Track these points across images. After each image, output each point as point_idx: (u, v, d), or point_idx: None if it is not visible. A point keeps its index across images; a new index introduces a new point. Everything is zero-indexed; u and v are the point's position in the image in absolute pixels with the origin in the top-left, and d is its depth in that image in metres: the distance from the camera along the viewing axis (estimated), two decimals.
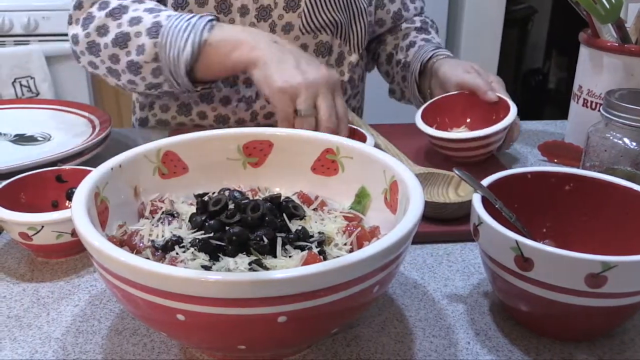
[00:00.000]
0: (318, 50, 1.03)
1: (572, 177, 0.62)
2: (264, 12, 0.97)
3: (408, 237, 0.46)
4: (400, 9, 1.13)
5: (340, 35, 1.04)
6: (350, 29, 1.05)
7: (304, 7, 0.98)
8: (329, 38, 1.03)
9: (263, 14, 0.97)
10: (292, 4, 0.97)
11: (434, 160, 0.89)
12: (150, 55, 0.88)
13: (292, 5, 0.98)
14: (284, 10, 0.98)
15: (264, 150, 0.65)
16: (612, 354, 0.53)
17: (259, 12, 0.97)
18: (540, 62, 3.15)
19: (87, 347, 0.54)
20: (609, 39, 0.86)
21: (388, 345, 0.54)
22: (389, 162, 0.58)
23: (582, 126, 0.87)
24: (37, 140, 0.94)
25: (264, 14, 0.97)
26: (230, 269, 0.48)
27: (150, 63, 0.89)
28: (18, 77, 2.16)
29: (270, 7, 0.97)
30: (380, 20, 1.14)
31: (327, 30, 1.02)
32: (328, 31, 1.02)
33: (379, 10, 1.12)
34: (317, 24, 1.00)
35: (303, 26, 0.99)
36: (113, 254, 0.43)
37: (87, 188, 0.52)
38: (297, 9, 0.98)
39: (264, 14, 0.97)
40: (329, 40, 1.03)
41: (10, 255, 0.67)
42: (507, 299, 0.56)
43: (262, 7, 0.97)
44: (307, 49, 1.02)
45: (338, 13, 1.01)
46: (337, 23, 1.02)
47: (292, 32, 1.00)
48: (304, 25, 0.99)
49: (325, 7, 0.99)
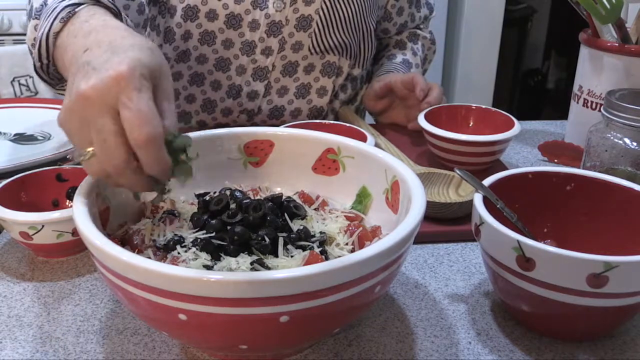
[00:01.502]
0: (324, 70, 1.02)
1: (573, 177, 0.62)
2: (274, 28, 0.96)
3: (410, 237, 0.46)
4: (407, 21, 1.14)
5: (349, 56, 1.03)
6: (359, 49, 1.05)
7: (314, 28, 0.97)
8: (336, 59, 1.02)
9: (274, 30, 0.96)
10: (304, 23, 0.96)
11: (433, 162, 0.89)
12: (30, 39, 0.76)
13: (304, 24, 0.96)
14: (295, 29, 0.96)
15: (265, 150, 0.65)
16: (614, 354, 0.53)
17: (269, 28, 0.96)
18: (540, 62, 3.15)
19: (87, 347, 0.53)
20: (609, 39, 0.86)
21: (389, 345, 0.54)
22: (391, 161, 0.58)
23: (582, 126, 0.87)
24: (37, 139, 0.93)
25: (275, 30, 0.96)
26: (232, 268, 0.48)
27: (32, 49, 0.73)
28: (17, 76, 2.15)
29: (281, 23, 0.95)
30: (385, 30, 1.14)
31: (336, 51, 1.01)
32: (336, 52, 1.01)
33: (384, 22, 1.12)
34: (326, 44, 0.99)
35: (313, 47, 0.98)
36: (115, 253, 0.43)
37: (87, 187, 0.52)
38: (308, 28, 0.97)
39: (275, 29, 0.96)
40: (336, 60, 1.02)
41: (10, 254, 0.67)
42: (508, 298, 0.56)
43: (274, 22, 0.95)
44: (314, 70, 1.01)
45: (348, 35, 1.00)
46: (346, 45, 1.01)
47: (301, 51, 0.98)
48: (313, 45, 0.98)
49: (336, 28, 0.98)
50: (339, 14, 0.97)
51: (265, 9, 0.94)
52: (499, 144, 0.83)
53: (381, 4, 1.08)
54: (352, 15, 0.99)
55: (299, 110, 1.04)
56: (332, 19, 0.97)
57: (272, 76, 1.00)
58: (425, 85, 0.97)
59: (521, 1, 2.85)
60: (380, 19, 1.10)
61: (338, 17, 0.97)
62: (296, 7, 0.95)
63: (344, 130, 0.85)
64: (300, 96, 1.03)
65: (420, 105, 0.95)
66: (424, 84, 0.97)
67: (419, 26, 1.18)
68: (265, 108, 1.02)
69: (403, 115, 1.04)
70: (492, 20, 2.44)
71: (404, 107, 1.03)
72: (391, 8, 1.10)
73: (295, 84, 1.02)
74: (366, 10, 1.01)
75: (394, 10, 1.11)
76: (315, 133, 0.65)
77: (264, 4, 0.94)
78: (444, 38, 2.51)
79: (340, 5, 0.97)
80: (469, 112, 0.94)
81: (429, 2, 1.18)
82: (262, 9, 0.94)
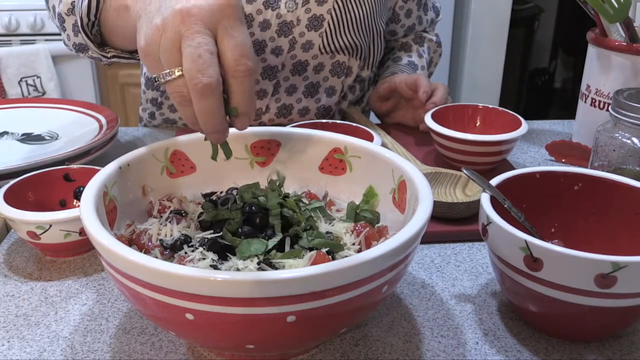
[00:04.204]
0: (334, 70, 1.02)
1: (580, 176, 0.61)
2: (285, 28, 0.96)
3: (417, 237, 0.46)
4: (414, 24, 1.14)
5: (359, 57, 1.03)
6: (369, 50, 1.05)
7: (326, 28, 0.97)
8: (345, 59, 1.02)
9: (284, 30, 0.96)
10: (315, 22, 0.96)
11: (440, 162, 0.89)
12: (66, 4, 0.78)
13: (315, 24, 0.96)
14: (306, 29, 0.96)
15: (272, 150, 0.65)
16: (622, 354, 0.53)
17: (280, 28, 0.95)
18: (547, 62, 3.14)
19: (95, 346, 0.54)
20: (617, 38, 0.86)
21: (396, 345, 0.54)
22: (398, 161, 0.58)
23: (590, 126, 0.87)
24: (45, 139, 0.94)
25: (285, 30, 0.96)
26: (239, 268, 0.48)
27: (69, 16, 0.79)
28: (24, 77, 2.16)
29: (292, 23, 0.95)
30: (392, 32, 1.14)
31: (346, 51, 1.01)
32: (346, 52, 1.01)
33: (392, 24, 1.12)
34: (337, 45, 0.99)
35: (323, 46, 0.98)
36: (122, 253, 0.43)
37: (95, 187, 0.52)
38: (320, 28, 0.96)
39: (286, 29, 0.96)
40: (346, 60, 1.02)
41: (18, 254, 0.67)
42: (515, 299, 0.56)
43: (285, 22, 0.95)
44: (324, 69, 1.01)
45: (358, 36, 1.00)
46: (357, 45, 1.01)
47: (312, 50, 0.98)
48: (324, 45, 0.98)
49: (347, 29, 0.98)
50: (351, 14, 0.97)
51: (277, 9, 0.94)
52: (506, 144, 0.83)
53: (390, 6, 1.08)
54: (363, 15, 0.99)
55: (307, 109, 1.04)
56: (344, 19, 0.97)
57: (281, 75, 1.00)
58: (429, 87, 0.97)
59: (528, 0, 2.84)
60: (388, 21, 1.10)
61: (350, 17, 0.97)
62: (308, 7, 0.95)
63: (350, 130, 0.85)
64: (309, 95, 1.03)
65: (425, 105, 0.95)
66: (427, 86, 0.97)
67: (425, 29, 1.18)
68: (273, 107, 1.02)
69: (410, 116, 1.04)
70: (498, 19, 2.43)
71: (410, 108, 1.03)
72: (399, 10, 1.10)
73: (305, 82, 1.02)
74: (377, 11, 1.01)
75: (402, 12, 1.11)
76: (322, 133, 0.65)
77: (275, 4, 0.94)
78: (450, 38, 2.51)
79: (352, 6, 0.97)
80: (475, 112, 0.93)
81: (435, 6, 1.18)
82: (273, 9, 0.94)
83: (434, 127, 0.85)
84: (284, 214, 0.54)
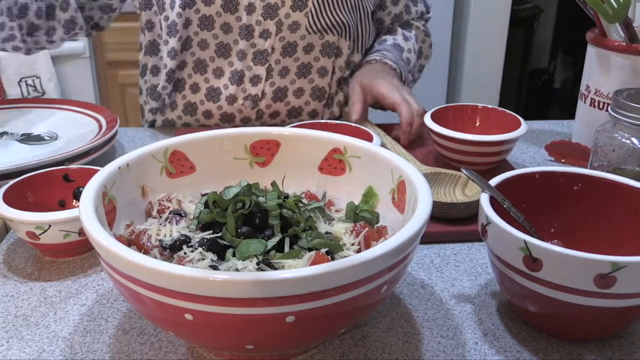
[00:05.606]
0: (324, 50, 1.03)
1: (580, 177, 0.61)
2: (270, 10, 0.98)
3: (416, 237, 0.46)
4: (402, 12, 1.14)
5: (348, 37, 1.04)
6: (357, 30, 1.06)
7: (311, 7, 0.98)
8: (335, 39, 1.03)
9: (270, 12, 0.98)
10: (300, 3, 0.98)
11: (440, 162, 0.89)
12: None
13: (300, 4, 0.98)
14: (291, 10, 0.98)
15: (271, 150, 0.65)
16: (621, 354, 0.53)
17: (265, 10, 0.98)
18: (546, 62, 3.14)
19: (94, 347, 0.54)
20: (616, 38, 0.86)
21: (396, 345, 0.54)
22: (397, 161, 0.58)
23: (589, 126, 0.87)
24: (44, 139, 0.94)
25: (271, 12, 0.98)
26: (238, 268, 0.48)
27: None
28: (24, 77, 2.16)
29: (277, 5, 0.97)
30: (379, 20, 1.14)
31: (334, 30, 1.02)
32: (335, 32, 1.02)
33: (379, 11, 1.13)
34: (323, 24, 1.00)
35: (310, 26, 1.00)
36: (121, 253, 0.43)
37: (94, 187, 0.52)
38: (304, 8, 0.98)
39: (271, 12, 0.98)
40: (335, 41, 1.03)
41: (17, 254, 0.67)
42: (515, 299, 0.56)
43: (269, 5, 0.97)
44: (314, 49, 1.03)
45: (345, 14, 1.01)
46: (345, 24, 1.02)
47: (299, 31, 1.00)
48: (310, 25, 1.00)
49: (333, 7, 0.99)
50: None
51: None
52: (505, 144, 0.83)
53: None
54: None
55: (302, 90, 1.06)
56: None
57: (272, 58, 1.02)
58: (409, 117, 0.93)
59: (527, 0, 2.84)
60: (375, 8, 1.11)
61: None
62: None
63: (349, 130, 0.85)
64: (302, 75, 1.05)
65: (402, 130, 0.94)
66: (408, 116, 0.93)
67: (413, 19, 1.18)
68: (268, 91, 1.04)
69: None
70: (498, 19, 2.43)
71: None
72: None
73: (296, 63, 1.03)
74: None
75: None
76: (321, 133, 0.65)
77: None
78: (450, 38, 2.51)
79: None
80: (475, 112, 0.93)
81: (426, 1, 1.19)
82: None
83: (433, 127, 0.85)
84: (283, 214, 0.54)
